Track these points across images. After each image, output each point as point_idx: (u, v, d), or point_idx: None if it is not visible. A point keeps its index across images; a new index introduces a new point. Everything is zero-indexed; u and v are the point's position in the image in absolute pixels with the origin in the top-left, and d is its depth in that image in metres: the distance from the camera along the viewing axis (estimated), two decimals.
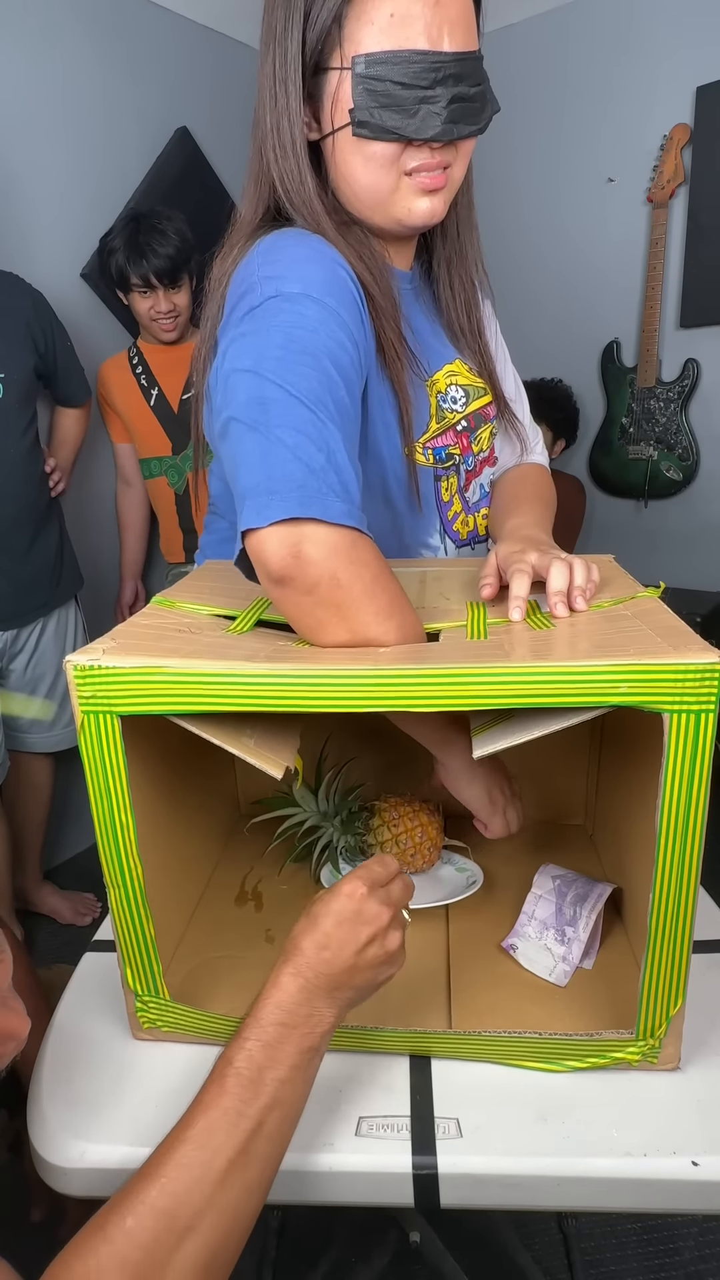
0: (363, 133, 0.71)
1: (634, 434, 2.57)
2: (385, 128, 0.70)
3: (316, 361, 0.65)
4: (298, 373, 0.64)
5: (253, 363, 0.64)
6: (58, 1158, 0.61)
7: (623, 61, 2.40)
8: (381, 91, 0.69)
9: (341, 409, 0.66)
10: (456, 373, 0.92)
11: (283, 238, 0.74)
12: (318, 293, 0.68)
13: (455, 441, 0.91)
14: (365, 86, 0.69)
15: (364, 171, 0.74)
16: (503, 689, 0.55)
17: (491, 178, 2.69)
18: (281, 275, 0.69)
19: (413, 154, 0.73)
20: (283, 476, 0.61)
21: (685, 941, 0.60)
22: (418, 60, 0.69)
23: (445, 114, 0.71)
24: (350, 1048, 0.67)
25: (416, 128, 0.71)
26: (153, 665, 0.57)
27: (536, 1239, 1.29)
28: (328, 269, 0.71)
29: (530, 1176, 0.59)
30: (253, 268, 0.71)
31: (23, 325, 1.72)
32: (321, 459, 0.62)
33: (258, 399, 0.63)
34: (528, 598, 0.68)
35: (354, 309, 0.72)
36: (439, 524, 0.93)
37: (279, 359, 0.64)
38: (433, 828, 0.87)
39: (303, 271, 0.69)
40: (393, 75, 0.69)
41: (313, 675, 0.56)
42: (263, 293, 0.68)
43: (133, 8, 2.13)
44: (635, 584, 0.74)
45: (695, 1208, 0.60)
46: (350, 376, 0.68)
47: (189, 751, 0.78)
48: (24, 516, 1.76)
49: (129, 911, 0.65)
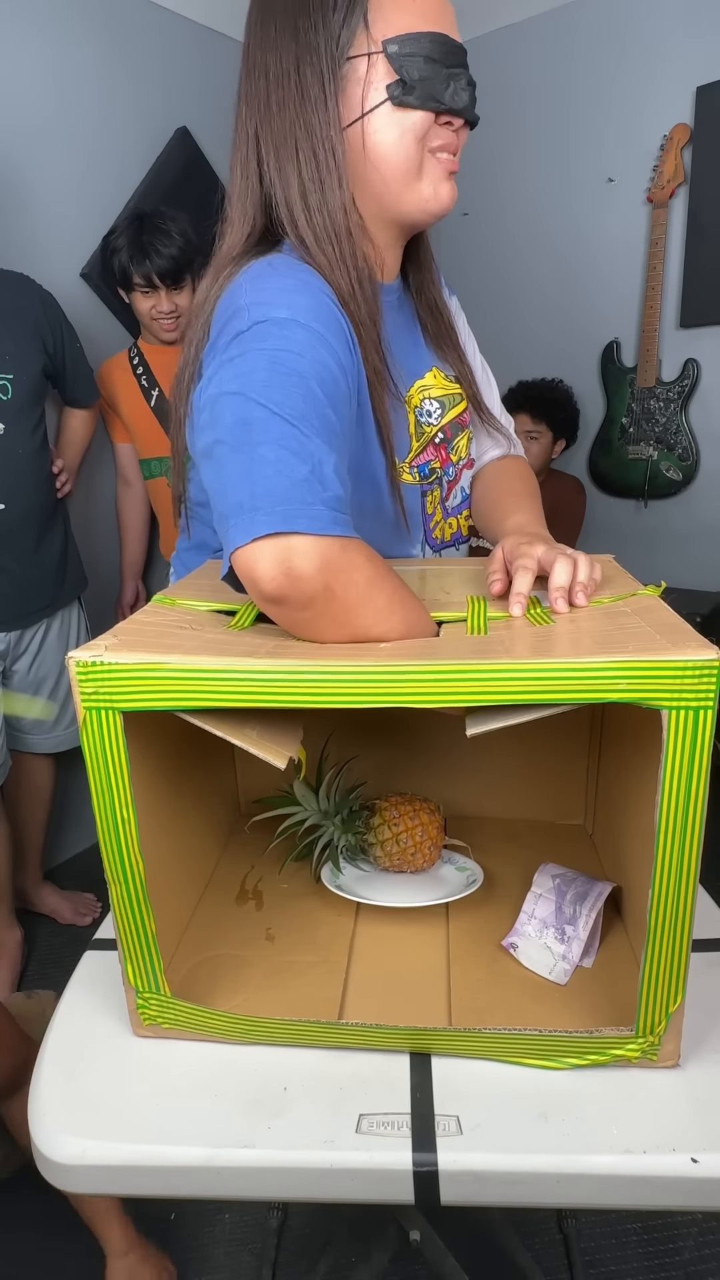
0: (408, 100, 0.75)
1: (634, 434, 2.57)
2: (427, 94, 0.75)
3: (302, 382, 0.65)
4: (283, 393, 0.64)
5: (239, 385, 0.65)
6: (59, 1155, 0.61)
7: (623, 61, 2.40)
8: (418, 66, 0.74)
9: (328, 426, 0.65)
10: (429, 386, 0.92)
11: (270, 266, 0.75)
12: (305, 318, 0.69)
13: (435, 455, 0.92)
14: (401, 62, 0.74)
15: (398, 147, 0.77)
16: (503, 685, 0.55)
17: (492, 178, 2.69)
18: (269, 302, 0.69)
19: (437, 131, 0.78)
20: (265, 492, 0.60)
21: (684, 939, 0.60)
22: (443, 41, 0.75)
23: (468, 92, 0.77)
24: (350, 1045, 0.67)
25: (451, 97, 0.76)
26: (155, 661, 0.57)
27: (536, 1239, 1.29)
28: (315, 297, 0.72)
29: (530, 1173, 0.59)
30: (240, 294, 0.71)
31: (32, 326, 1.71)
32: (305, 470, 0.61)
33: (242, 419, 0.63)
34: (530, 594, 0.69)
35: (340, 335, 0.73)
36: (422, 536, 0.94)
37: (265, 381, 0.64)
38: (433, 827, 0.87)
39: (290, 300, 0.70)
40: (425, 51, 0.74)
41: (313, 671, 0.56)
42: (250, 318, 0.68)
43: (133, 8, 2.14)
44: (635, 582, 0.74)
45: (695, 1204, 0.60)
46: (337, 399, 0.68)
47: (190, 749, 0.78)
48: (31, 517, 1.76)
49: (130, 907, 0.65)
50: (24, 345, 1.70)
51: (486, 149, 2.65)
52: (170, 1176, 0.61)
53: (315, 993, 0.72)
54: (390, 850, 0.86)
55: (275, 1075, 0.66)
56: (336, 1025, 0.67)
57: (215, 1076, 0.66)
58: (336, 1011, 0.70)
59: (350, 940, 0.79)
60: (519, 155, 2.66)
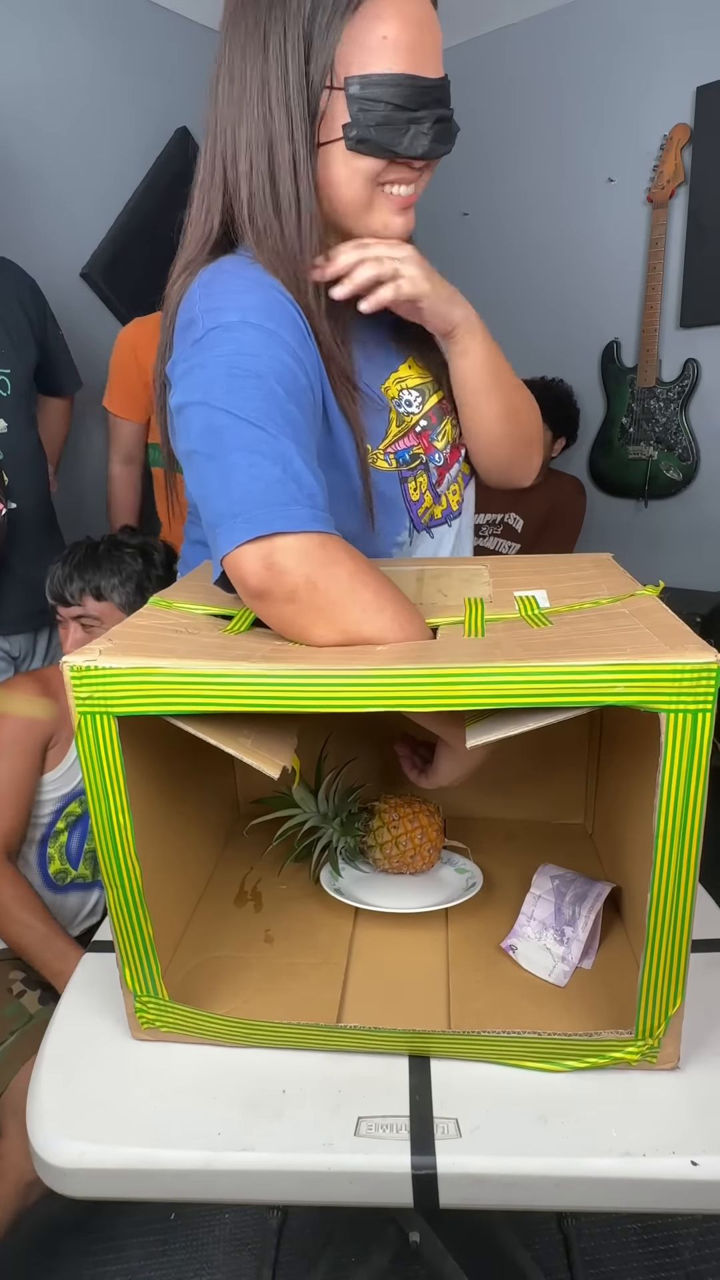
0: (360, 149, 0.74)
1: (634, 434, 2.57)
2: (381, 145, 0.74)
3: (262, 382, 0.67)
4: (244, 396, 0.66)
5: (202, 395, 0.67)
6: (57, 1158, 0.61)
7: (623, 61, 2.40)
8: (377, 111, 0.72)
9: (292, 422, 0.67)
10: (404, 377, 0.93)
11: (219, 271, 0.76)
12: (255, 318, 0.71)
13: (417, 442, 0.92)
14: (360, 106, 0.72)
15: (349, 186, 0.77)
16: (500, 688, 0.55)
17: (491, 178, 2.69)
18: (220, 307, 0.71)
19: (393, 169, 0.77)
20: (243, 498, 0.63)
21: (684, 940, 0.60)
22: (409, 84, 0.72)
23: (430, 134, 0.75)
24: (349, 1048, 0.67)
25: (406, 146, 0.75)
26: (149, 665, 0.57)
27: (536, 1239, 1.29)
28: (264, 294, 0.74)
29: (529, 1176, 0.59)
30: (194, 301, 0.73)
31: (22, 315, 1.68)
32: (277, 471, 0.64)
33: (210, 428, 0.66)
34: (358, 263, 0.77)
35: (295, 328, 0.74)
36: (408, 522, 0.94)
37: (225, 387, 0.67)
38: (433, 829, 0.87)
39: (239, 300, 0.72)
40: (386, 96, 0.72)
41: (309, 675, 0.56)
42: (204, 325, 0.70)
43: (133, 8, 2.14)
44: (634, 583, 0.74)
45: (695, 1207, 0.60)
46: (298, 392, 0.70)
47: (188, 751, 0.78)
48: (37, 516, 1.74)
49: (127, 912, 0.65)
50: (19, 336, 1.66)
51: (486, 149, 2.65)
52: (169, 1179, 0.61)
53: (314, 995, 0.72)
54: (390, 853, 0.85)
55: (274, 1078, 0.66)
56: (335, 1028, 0.67)
57: (214, 1079, 0.66)
58: (335, 1014, 0.70)
59: (349, 942, 0.79)
60: (519, 155, 2.66)
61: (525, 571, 0.82)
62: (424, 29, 0.73)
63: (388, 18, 0.71)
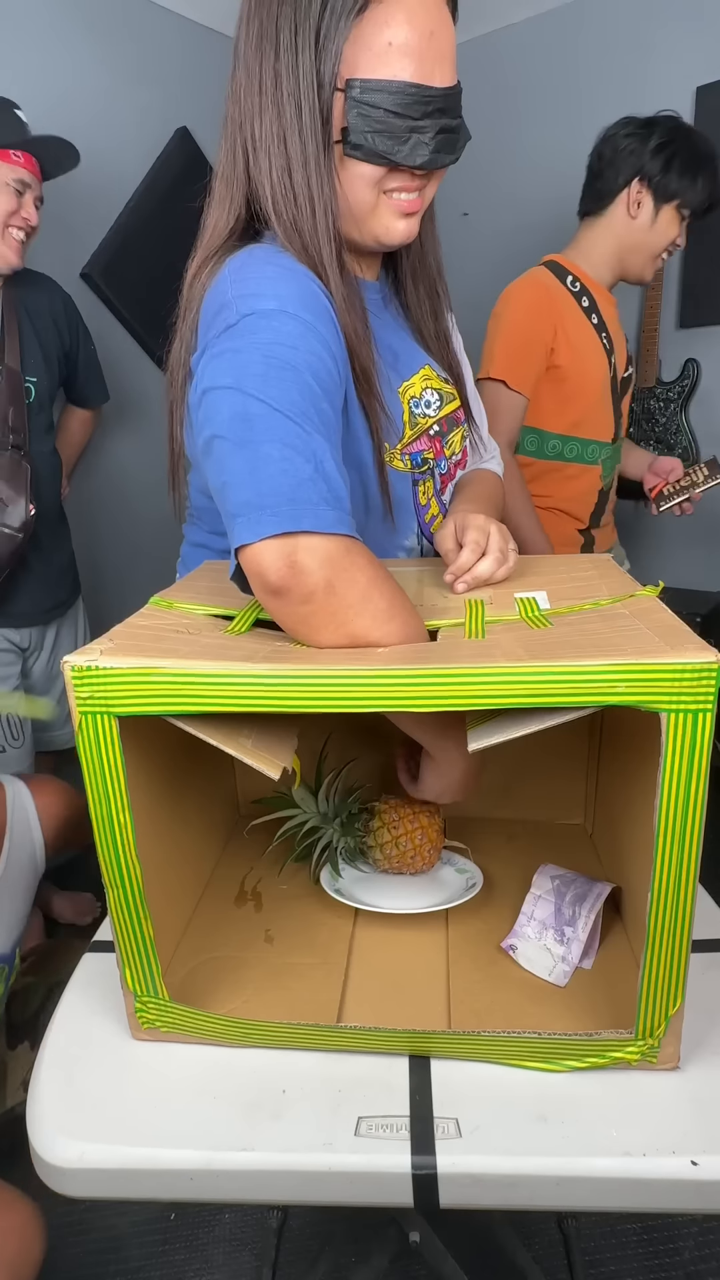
0: (355, 154, 0.73)
1: (634, 434, 2.57)
2: (377, 152, 0.72)
3: (298, 375, 0.65)
4: (280, 387, 0.64)
5: (234, 380, 0.65)
6: (56, 1158, 0.61)
7: (623, 61, 2.40)
8: (375, 117, 0.71)
9: (325, 420, 0.66)
10: (429, 377, 0.93)
11: (251, 256, 0.74)
12: (293, 308, 0.69)
13: (429, 446, 0.92)
14: (359, 111, 0.71)
15: (351, 188, 0.76)
16: (500, 689, 0.55)
17: (492, 177, 2.69)
18: (255, 293, 0.69)
19: (395, 176, 0.76)
20: (272, 490, 0.61)
21: (684, 940, 0.60)
22: (411, 93, 0.71)
23: (432, 144, 0.73)
24: (349, 1048, 0.67)
25: (406, 155, 0.73)
26: (150, 666, 0.57)
27: (536, 1239, 1.29)
28: (301, 284, 0.72)
29: (529, 1176, 0.59)
30: (225, 287, 0.71)
31: (53, 327, 1.76)
32: (309, 469, 0.62)
33: (241, 415, 0.64)
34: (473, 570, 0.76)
35: (329, 322, 0.73)
36: (416, 527, 0.94)
37: (260, 375, 0.64)
38: (433, 829, 0.87)
39: (276, 289, 0.70)
40: (387, 104, 0.70)
41: (310, 676, 0.56)
42: (238, 310, 0.68)
43: (134, 8, 2.14)
44: (634, 583, 0.74)
45: (695, 1207, 0.60)
46: (331, 389, 0.69)
47: (188, 751, 0.78)
48: (51, 516, 1.81)
49: (128, 912, 0.65)
50: (48, 348, 1.75)
51: (486, 149, 2.65)
52: (169, 1179, 0.61)
53: (314, 995, 0.72)
54: (390, 853, 0.85)
55: (274, 1078, 0.66)
56: (335, 1028, 0.67)
57: (214, 1079, 0.66)
58: (335, 1014, 0.70)
59: (349, 942, 0.79)
60: (519, 155, 2.65)
61: (525, 573, 0.82)
62: (434, 36, 0.70)
63: (395, 23, 0.69)
